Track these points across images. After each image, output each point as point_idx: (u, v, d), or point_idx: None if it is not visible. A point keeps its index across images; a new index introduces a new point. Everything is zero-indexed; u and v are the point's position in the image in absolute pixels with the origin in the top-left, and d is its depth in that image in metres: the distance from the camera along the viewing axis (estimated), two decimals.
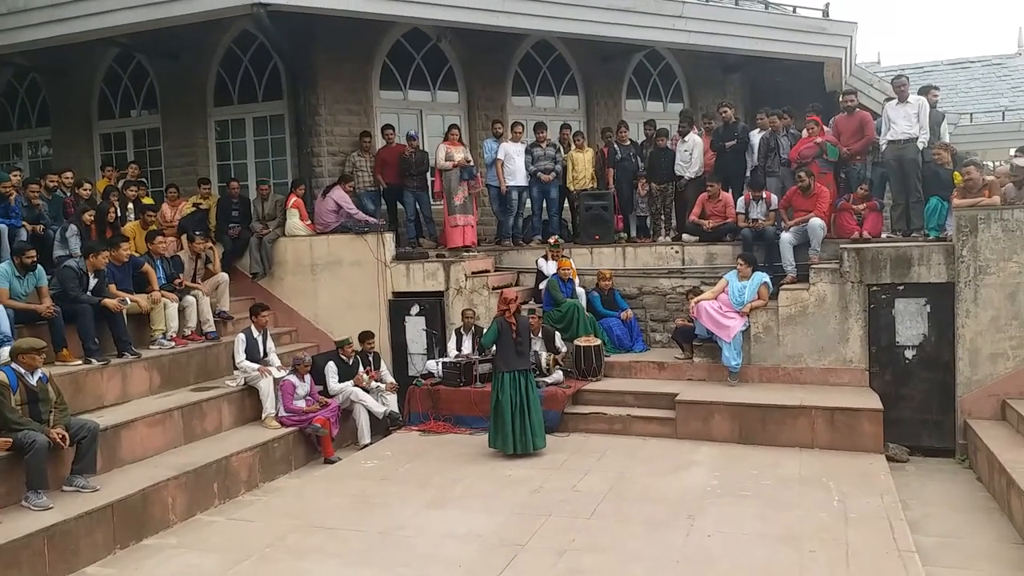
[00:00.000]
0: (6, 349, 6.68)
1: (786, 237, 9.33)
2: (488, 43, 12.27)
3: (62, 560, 5.71)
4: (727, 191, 10.55)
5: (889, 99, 10.60)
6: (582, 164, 11.43)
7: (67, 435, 6.26)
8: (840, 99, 10.39)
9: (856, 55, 14.38)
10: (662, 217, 11.35)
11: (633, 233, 11.50)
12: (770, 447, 7.97)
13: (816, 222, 9.21)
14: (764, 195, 9.77)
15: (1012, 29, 42.32)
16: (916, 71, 18.65)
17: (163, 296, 8.80)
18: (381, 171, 11.47)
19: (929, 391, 8.48)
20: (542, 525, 6.17)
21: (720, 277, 9.44)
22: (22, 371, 6.26)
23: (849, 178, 10.10)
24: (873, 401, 8.16)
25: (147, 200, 10.91)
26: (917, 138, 9.28)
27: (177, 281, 9.27)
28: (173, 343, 8.76)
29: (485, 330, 8.39)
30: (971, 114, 18.52)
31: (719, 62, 14.00)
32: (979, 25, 53.28)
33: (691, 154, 10.95)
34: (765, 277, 9.13)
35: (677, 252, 10.45)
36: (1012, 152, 10.27)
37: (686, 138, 11.06)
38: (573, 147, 11.59)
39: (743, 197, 10.01)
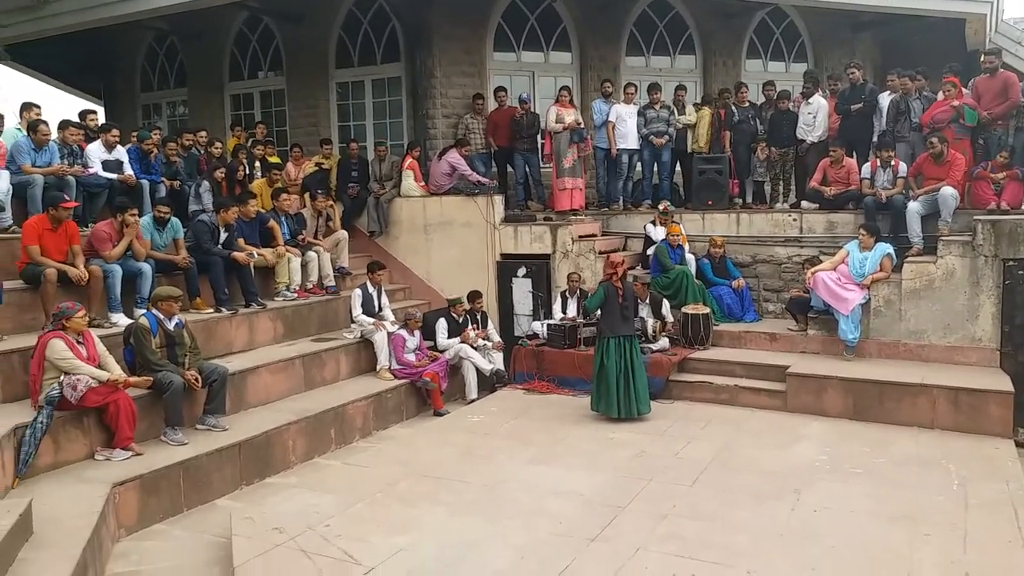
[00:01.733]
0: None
1: (914, 207, 8.82)
2: (603, 2, 12.06)
3: (195, 491, 6.22)
4: (851, 157, 10.04)
5: None
6: (703, 127, 11.14)
7: (200, 377, 6.77)
8: (981, 59, 9.63)
9: (1003, 10, 13.24)
10: (781, 183, 10.95)
11: (749, 199, 11.15)
12: (886, 425, 7.66)
13: (948, 191, 8.65)
14: (892, 162, 9.24)
15: None
16: None
17: (287, 251, 9.28)
18: (492, 133, 11.57)
19: None
20: (643, 488, 6.20)
21: (840, 247, 9.06)
22: (161, 317, 6.78)
23: (988, 145, 9.38)
24: (1003, 382, 7.69)
25: (273, 159, 11.45)
26: None
27: (300, 237, 9.74)
28: (296, 295, 9.25)
29: (590, 294, 8.39)
30: None
31: (848, 20, 13.23)
32: None
33: (815, 117, 10.47)
34: (888, 248, 8.69)
35: (795, 220, 10.08)
36: None
37: (810, 100, 10.56)
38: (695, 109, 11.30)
39: (869, 163, 9.51)
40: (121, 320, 7.30)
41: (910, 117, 9.69)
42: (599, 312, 8.16)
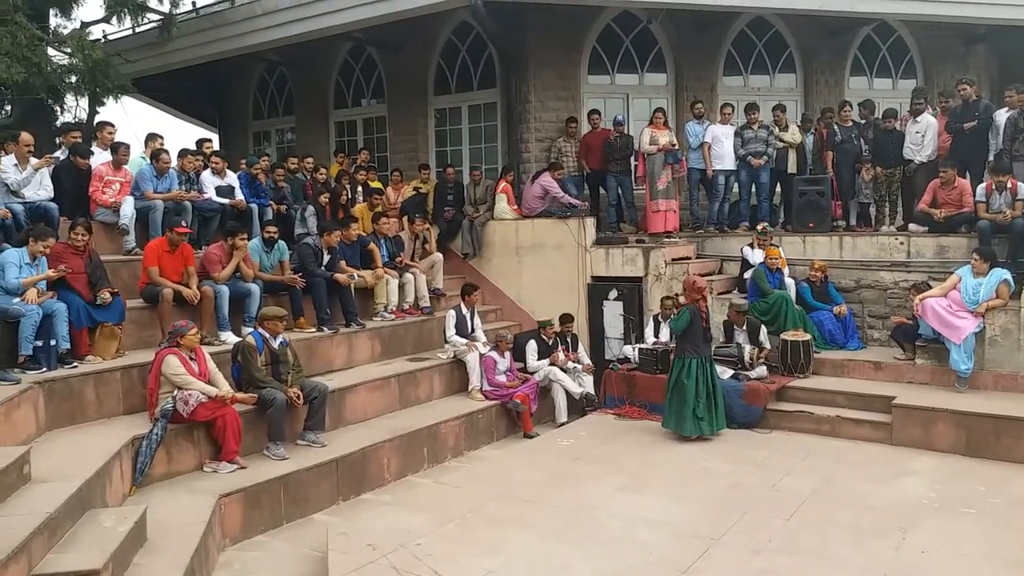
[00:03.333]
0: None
1: None
2: (700, 22, 11.97)
3: (294, 505, 6.47)
4: (964, 177, 9.54)
5: None
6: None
7: (302, 395, 7.06)
8: None
9: None
10: (887, 205, 10.51)
11: (852, 221, 10.75)
12: (1002, 462, 7.18)
13: None
14: (1009, 183, 8.73)
15: None
16: None
17: (386, 272, 9.58)
18: (585, 156, 11.62)
19: None
20: (737, 521, 6.03)
21: (950, 272, 8.60)
22: (267, 335, 7.12)
23: None
24: None
25: (374, 184, 11.86)
26: None
27: (398, 259, 10.03)
28: (393, 316, 9.52)
29: (675, 316, 8.26)
30: None
31: (961, 33, 12.62)
32: None
33: (923, 136, 10.03)
34: (1006, 274, 8.18)
35: (902, 243, 9.65)
36: None
37: (918, 118, 10.13)
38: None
39: (984, 185, 9.01)
40: (230, 338, 7.69)
41: None
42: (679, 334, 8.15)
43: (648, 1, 10.78)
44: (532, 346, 9.38)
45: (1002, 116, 9.53)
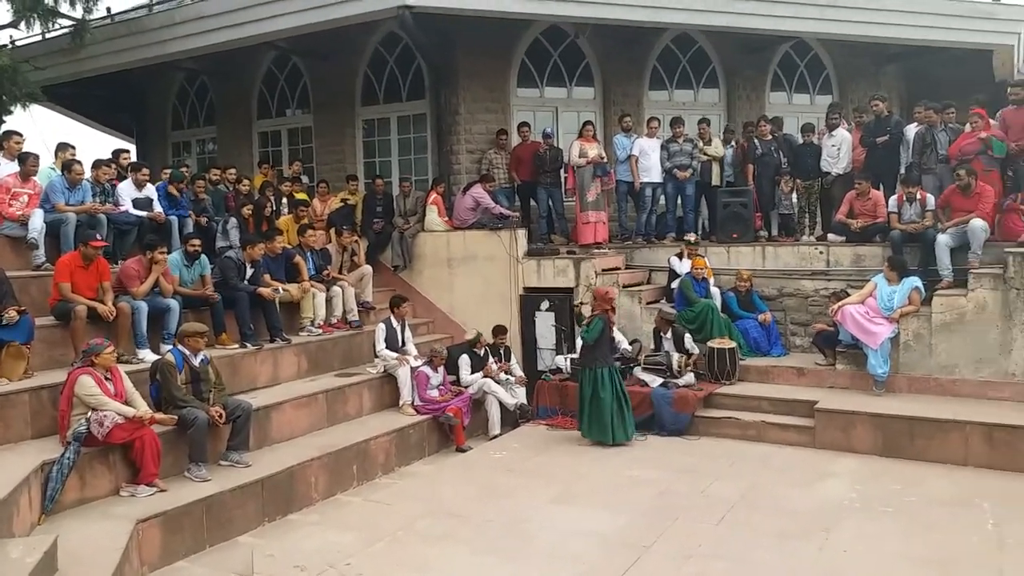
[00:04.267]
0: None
1: (943, 239, 8.70)
2: (626, 38, 12.17)
3: (217, 528, 6.23)
4: (878, 189, 9.95)
5: None
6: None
7: (224, 413, 6.82)
8: (1008, 90, 9.54)
9: None
10: (806, 215, 10.88)
11: (774, 232, 11.08)
12: (917, 462, 7.48)
13: (977, 223, 8.53)
14: (919, 194, 9.14)
15: None
16: None
17: (312, 286, 9.38)
18: (516, 168, 11.66)
19: None
20: (668, 528, 6.10)
21: (867, 280, 8.95)
22: (187, 353, 6.86)
23: (1017, 176, 9.25)
24: None
25: (300, 195, 11.62)
26: None
27: (325, 272, 9.85)
28: (320, 330, 9.32)
29: (587, 326, 8.31)
30: None
31: (873, 52, 13.20)
32: None
33: (839, 149, 10.44)
34: (917, 282, 8.56)
35: (821, 253, 9.98)
36: None
37: (834, 132, 10.54)
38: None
39: (896, 196, 9.41)
40: (148, 356, 7.39)
41: (936, 149, 9.61)
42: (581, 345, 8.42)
43: (573, 16, 10.90)
44: (465, 360, 9.32)
45: (912, 131, 9.98)
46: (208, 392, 6.88)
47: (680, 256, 10.24)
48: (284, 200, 11.19)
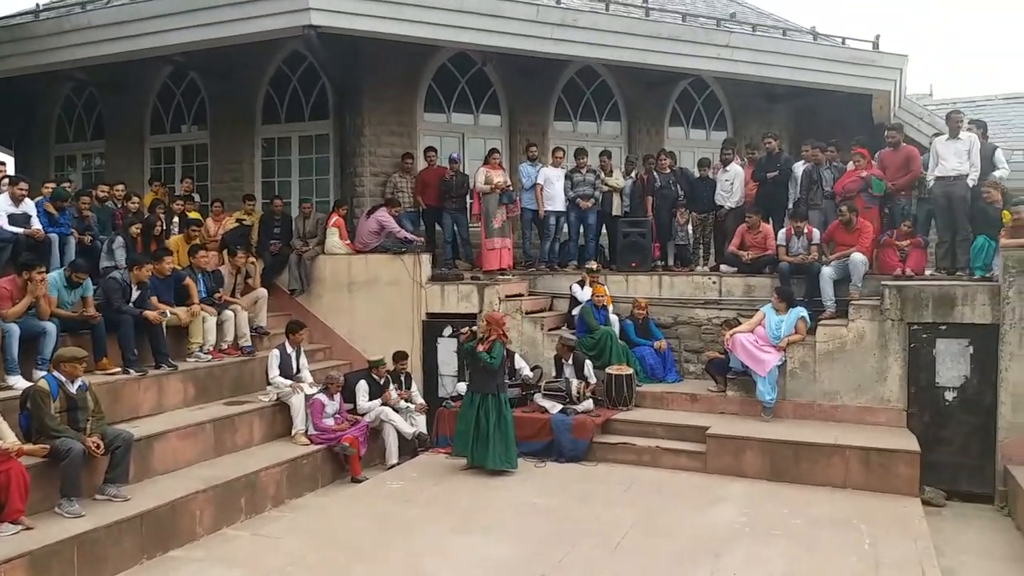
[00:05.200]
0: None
1: (826, 271, 9.17)
2: (532, 68, 12.35)
3: (90, 568, 5.82)
4: (768, 223, 10.42)
5: (938, 134, 10.42)
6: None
7: (102, 444, 6.42)
8: (885, 133, 10.22)
9: (906, 88, 14.14)
10: (701, 246, 11.27)
11: (670, 261, 11.41)
12: (802, 485, 7.81)
13: (857, 257, 9.05)
14: (805, 229, 9.62)
15: None
16: (969, 105, 18.26)
17: (202, 310, 8.99)
18: (421, 192, 11.60)
19: (969, 434, 8.23)
20: (566, 555, 6.12)
21: (757, 309, 9.32)
22: (63, 379, 6.43)
23: (893, 214, 9.90)
24: (910, 442, 7.95)
25: (193, 214, 11.17)
26: (967, 175, 9.07)
27: (217, 295, 9.46)
28: (210, 356, 8.93)
29: (487, 352, 8.32)
30: None
31: (765, 92, 13.87)
32: None
33: (732, 184, 10.88)
34: (803, 311, 8.98)
35: (714, 283, 10.34)
36: None
37: (728, 167, 10.99)
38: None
39: (784, 230, 9.87)
40: (19, 383, 6.88)
41: (822, 186, 10.15)
42: (469, 368, 8.59)
43: (479, 44, 10.98)
44: (363, 386, 9.11)
45: (799, 168, 10.52)
46: (85, 421, 6.45)
47: (582, 284, 10.39)
48: (176, 219, 10.73)
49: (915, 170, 9.70)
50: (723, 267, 10.56)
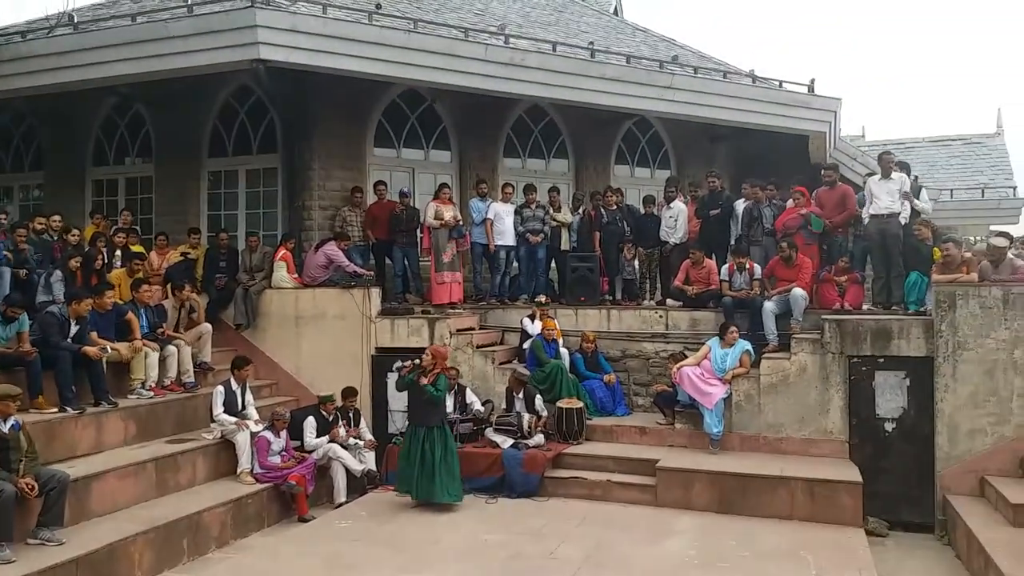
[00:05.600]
0: None
1: (768, 306, 9.42)
2: (482, 106, 12.52)
3: None
4: (711, 258, 10.68)
5: (871, 174, 10.87)
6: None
7: (36, 485, 6.17)
8: (821, 173, 10.63)
9: (840, 129, 14.76)
10: (647, 281, 11.47)
11: (618, 296, 11.57)
12: (750, 517, 7.91)
13: (798, 292, 9.32)
14: (748, 264, 9.89)
15: (992, 110, 43.69)
16: (899, 147, 19.14)
17: (144, 345, 8.76)
18: (371, 226, 11.58)
19: (908, 465, 8.47)
20: None
21: (702, 343, 9.49)
22: None
23: (831, 250, 10.25)
24: (852, 473, 8.14)
25: (136, 248, 10.93)
26: (899, 213, 9.47)
27: (160, 330, 9.24)
28: (152, 393, 8.69)
29: (431, 385, 8.27)
30: (951, 190, 18.96)
31: (706, 132, 14.30)
32: (960, 105, 54.98)
33: (676, 220, 11.13)
34: (747, 345, 9.18)
35: (661, 317, 10.51)
36: (992, 229, 10.51)
37: (671, 205, 11.25)
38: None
39: (727, 265, 10.13)
40: None
41: (763, 223, 10.47)
42: (409, 400, 8.47)
43: (428, 81, 11.10)
44: (310, 423, 8.95)
45: (741, 206, 10.83)
46: (18, 462, 6.21)
47: (532, 317, 10.45)
48: (117, 252, 10.47)
49: (851, 208, 10.08)
50: (669, 301, 10.75)
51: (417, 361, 8.31)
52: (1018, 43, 58.31)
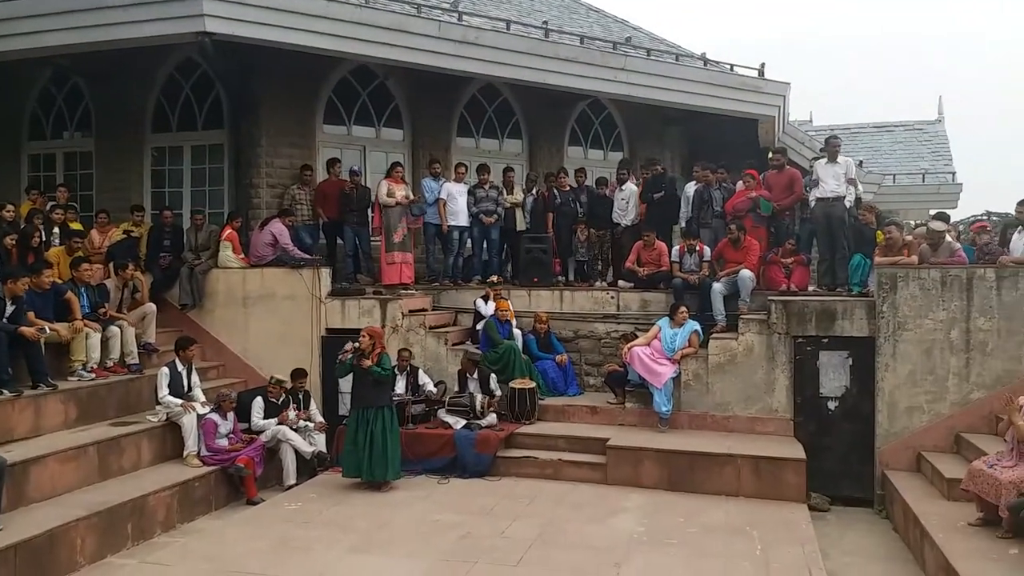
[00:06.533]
0: None
1: (717, 287, 9.57)
2: (435, 84, 12.37)
3: None
4: (662, 240, 10.78)
5: (818, 158, 11.07)
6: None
7: None
8: (769, 156, 10.79)
9: (789, 114, 14.98)
10: (599, 262, 11.53)
11: (571, 277, 11.62)
12: (697, 494, 8.06)
13: (745, 274, 9.48)
14: (697, 246, 10.01)
15: (933, 97, 44.94)
16: (845, 132, 19.54)
17: (85, 326, 8.49)
18: (321, 205, 11.39)
19: (850, 442, 8.73)
20: (468, 572, 6.09)
21: (653, 323, 9.60)
22: None
23: (778, 232, 10.44)
24: (797, 451, 8.35)
25: (75, 225, 10.56)
26: (845, 197, 9.68)
27: (101, 310, 8.97)
28: (93, 375, 8.46)
29: (376, 365, 8.23)
30: (894, 175, 19.47)
31: (659, 114, 14.40)
32: (904, 92, 56.45)
33: (627, 202, 11.19)
34: (696, 325, 9.32)
35: (612, 298, 10.60)
36: (931, 213, 10.82)
37: (623, 187, 11.31)
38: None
39: (677, 247, 10.23)
40: None
41: (712, 205, 10.59)
42: (353, 383, 8.42)
43: (379, 57, 10.91)
44: (258, 404, 8.82)
45: (691, 189, 10.94)
46: None
47: (485, 298, 10.43)
48: (55, 230, 10.11)
49: (798, 191, 10.27)
50: (621, 283, 10.83)
51: (356, 345, 8.22)
52: (959, 32, 60.08)
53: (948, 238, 9.08)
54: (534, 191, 11.91)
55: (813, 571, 6.14)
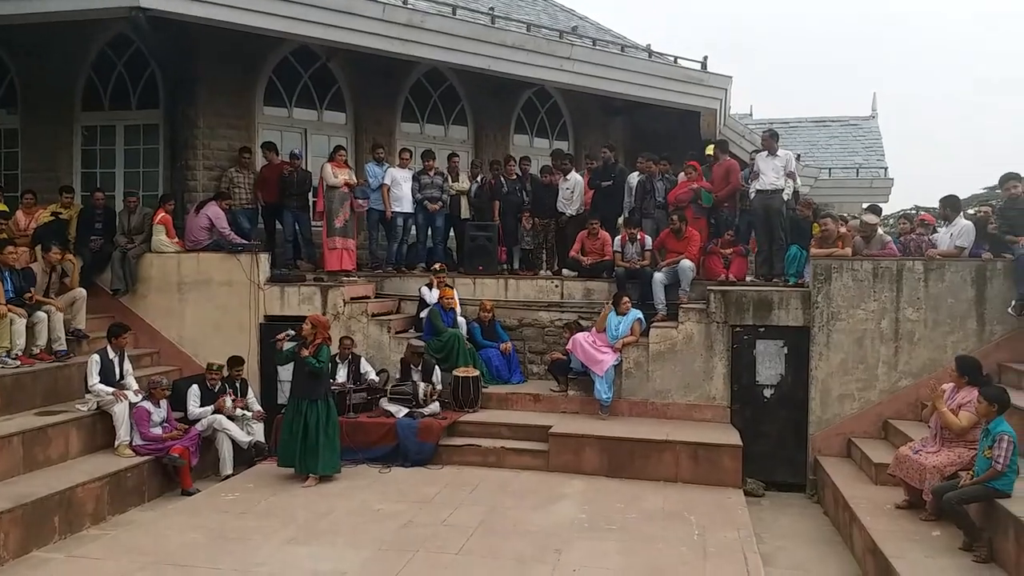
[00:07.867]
0: None
1: (658, 277, 9.69)
2: (379, 67, 12.18)
3: None
4: (606, 230, 10.85)
5: (757, 151, 11.29)
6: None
7: None
8: (705, 149, 10.96)
9: (731, 107, 15.23)
10: (544, 251, 11.56)
11: (516, 265, 11.62)
12: (637, 480, 8.19)
13: (686, 263, 9.63)
14: (639, 236, 10.12)
15: (868, 94, 46.45)
16: (783, 126, 20.02)
17: (10, 311, 8.14)
18: (261, 189, 11.13)
19: (784, 428, 8.97)
20: (409, 561, 6.06)
21: (597, 312, 9.69)
22: None
23: (718, 224, 10.62)
24: (733, 437, 8.54)
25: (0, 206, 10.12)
26: (783, 189, 9.89)
27: (27, 295, 8.61)
28: (19, 362, 8.13)
29: (312, 356, 8.06)
30: (830, 169, 20.03)
31: (603, 104, 14.48)
32: (840, 88, 58.06)
33: (572, 192, 11.23)
34: (639, 314, 9.43)
35: (557, 286, 10.64)
36: (863, 206, 11.15)
37: (568, 176, 11.33)
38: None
39: (620, 237, 10.33)
40: None
41: (655, 196, 10.71)
42: (293, 372, 8.21)
43: (320, 38, 10.66)
44: (194, 392, 8.60)
45: (634, 179, 11.04)
46: None
47: (430, 286, 10.36)
48: None
49: (734, 182, 10.45)
50: (565, 271, 10.88)
51: (290, 333, 8.07)
52: (893, 32, 61.97)
53: (880, 231, 9.37)
54: (479, 178, 11.86)
55: (748, 555, 6.29)
